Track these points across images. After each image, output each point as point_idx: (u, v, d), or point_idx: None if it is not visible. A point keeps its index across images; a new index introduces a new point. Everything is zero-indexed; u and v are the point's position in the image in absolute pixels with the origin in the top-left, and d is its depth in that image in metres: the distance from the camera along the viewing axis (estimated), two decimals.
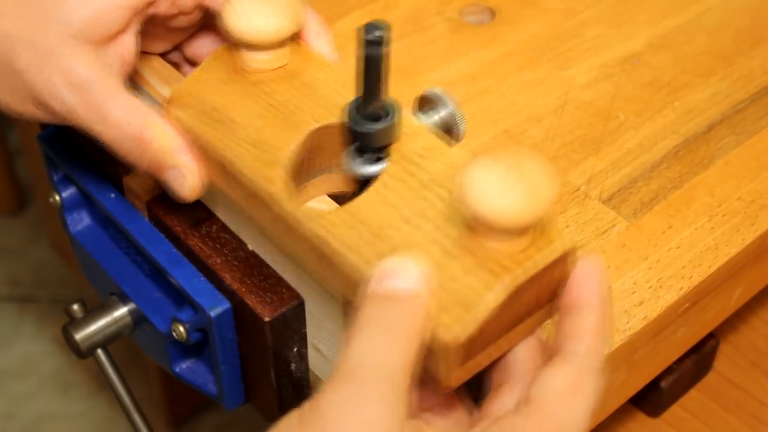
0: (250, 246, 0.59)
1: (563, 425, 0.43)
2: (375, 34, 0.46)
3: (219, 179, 0.54)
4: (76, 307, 0.66)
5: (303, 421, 0.41)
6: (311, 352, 0.59)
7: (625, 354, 0.59)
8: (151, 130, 0.53)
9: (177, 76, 0.60)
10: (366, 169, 0.51)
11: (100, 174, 0.65)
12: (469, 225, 0.45)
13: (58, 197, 0.69)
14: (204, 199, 0.61)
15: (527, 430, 0.43)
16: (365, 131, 0.50)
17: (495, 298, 0.44)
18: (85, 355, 0.66)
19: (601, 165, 0.68)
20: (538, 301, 0.47)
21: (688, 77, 0.75)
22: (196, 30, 0.61)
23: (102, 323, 0.66)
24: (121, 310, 0.66)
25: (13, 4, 0.53)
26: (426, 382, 0.46)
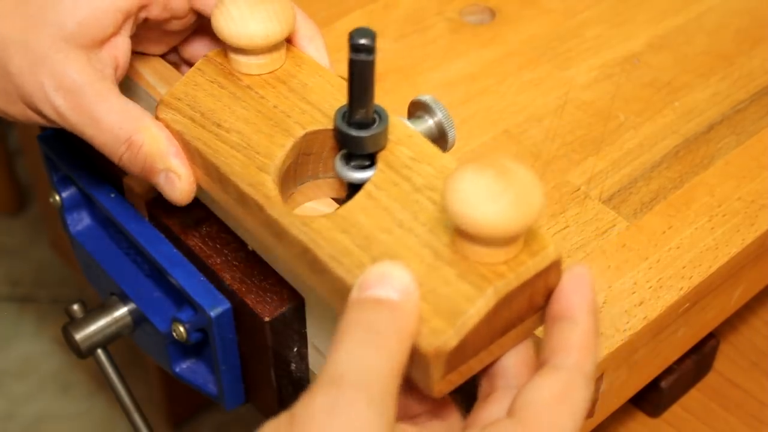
0: (250, 246, 0.59)
1: None
2: (361, 41, 0.46)
3: (208, 184, 0.53)
4: (76, 307, 0.66)
5: (293, 423, 0.40)
6: (311, 352, 0.59)
7: (625, 354, 0.59)
8: (142, 133, 0.53)
9: (177, 76, 0.60)
10: (356, 175, 0.51)
11: (100, 174, 0.65)
12: (459, 231, 0.45)
13: (58, 197, 0.69)
14: (204, 200, 0.61)
15: None
16: (354, 138, 0.49)
17: (486, 303, 0.44)
18: (85, 355, 0.66)
19: (601, 165, 0.68)
20: (531, 307, 0.46)
21: (688, 77, 0.75)
22: (191, 33, 0.61)
23: (102, 323, 0.66)
24: (121, 310, 0.66)
25: (7, 6, 0.53)
26: (418, 386, 0.46)
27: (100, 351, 0.66)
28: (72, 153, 0.66)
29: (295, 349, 0.59)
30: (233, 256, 0.59)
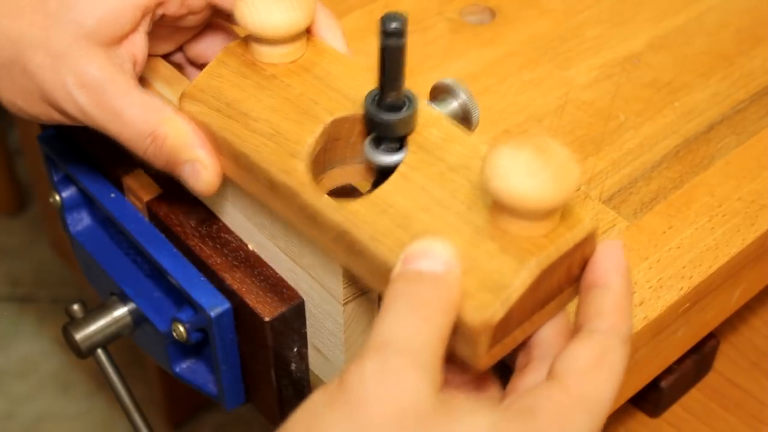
0: (250, 246, 0.59)
1: (589, 399, 0.43)
2: (392, 25, 0.47)
3: (234, 173, 0.54)
4: (76, 307, 0.66)
5: (333, 400, 0.40)
6: (311, 352, 0.59)
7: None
8: (166, 125, 0.53)
9: (180, 77, 0.60)
10: (386, 159, 0.51)
11: (100, 174, 0.65)
12: (500, 206, 0.46)
13: (58, 197, 0.69)
14: (204, 200, 0.61)
15: (553, 403, 0.43)
16: (385, 122, 0.50)
17: (529, 275, 0.45)
18: (85, 355, 0.66)
19: (601, 165, 0.68)
20: (569, 278, 0.48)
21: (688, 77, 0.75)
22: (200, 30, 0.61)
23: (102, 323, 0.66)
24: (121, 310, 0.66)
25: (27, 5, 0.53)
26: (459, 360, 0.46)
27: (100, 351, 0.66)
28: (72, 153, 0.66)
29: (295, 349, 0.59)
30: (233, 256, 0.59)
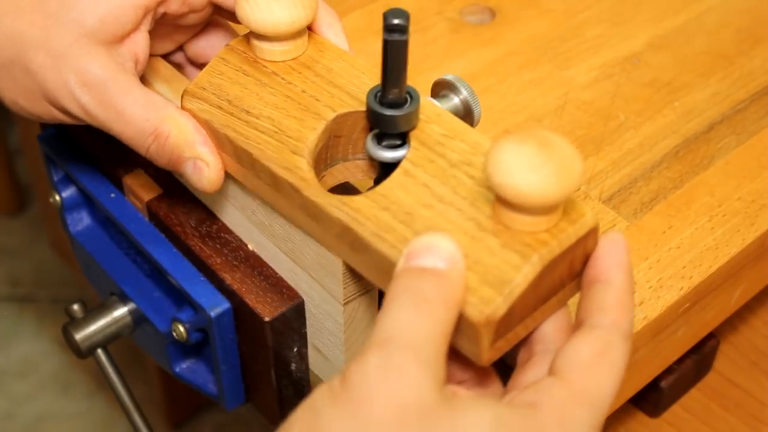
0: (250, 246, 0.59)
1: (590, 393, 0.43)
2: (394, 21, 0.47)
3: (236, 171, 0.54)
4: (76, 307, 0.66)
5: (335, 397, 0.40)
6: (311, 352, 0.59)
7: None
8: (168, 123, 0.53)
9: (180, 77, 0.60)
10: (388, 155, 0.51)
11: (100, 174, 0.65)
12: (502, 202, 0.46)
13: (58, 197, 0.69)
14: (204, 199, 0.61)
15: (554, 398, 0.43)
16: (387, 118, 0.50)
17: (532, 270, 0.45)
18: (85, 355, 0.66)
19: (601, 165, 0.68)
20: (571, 273, 0.48)
21: (688, 77, 0.75)
22: (201, 28, 0.61)
23: (102, 323, 0.66)
24: (121, 310, 0.66)
25: (27, 5, 0.53)
26: (462, 355, 0.47)
27: (100, 351, 0.66)
28: (72, 153, 0.66)
29: (295, 349, 0.59)
30: (233, 256, 0.59)
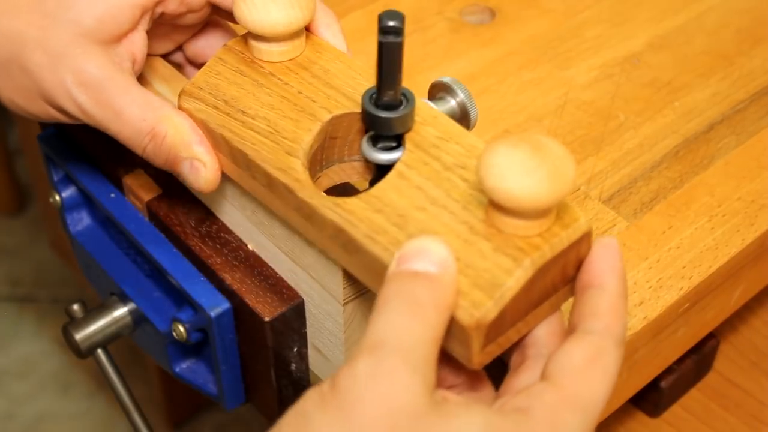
0: (250, 246, 0.59)
1: (582, 399, 0.43)
2: (389, 23, 0.47)
3: (232, 171, 0.54)
4: (76, 307, 0.66)
5: (325, 401, 0.40)
6: (311, 352, 0.59)
7: (626, 354, 0.59)
8: (165, 123, 0.53)
9: (179, 76, 0.60)
10: (383, 156, 0.51)
11: (100, 174, 0.65)
12: (494, 205, 0.46)
13: (58, 197, 0.69)
14: (204, 199, 0.61)
15: (546, 403, 0.43)
16: (382, 119, 0.50)
17: (523, 274, 0.45)
18: (85, 355, 0.66)
19: (601, 165, 0.68)
20: (563, 277, 0.48)
21: (688, 77, 0.75)
22: (199, 28, 0.61)
23: (102, 323, 0.66)
24: (121, 310, 0.66)
25: (24, 4, 0.53)
26: (454, 358, 0.46)
27: (100, 351, 0.66)
28: (72, 153, 0.66)
29: (295, 349, 0.59)
30: (233, 256, 0.59)
